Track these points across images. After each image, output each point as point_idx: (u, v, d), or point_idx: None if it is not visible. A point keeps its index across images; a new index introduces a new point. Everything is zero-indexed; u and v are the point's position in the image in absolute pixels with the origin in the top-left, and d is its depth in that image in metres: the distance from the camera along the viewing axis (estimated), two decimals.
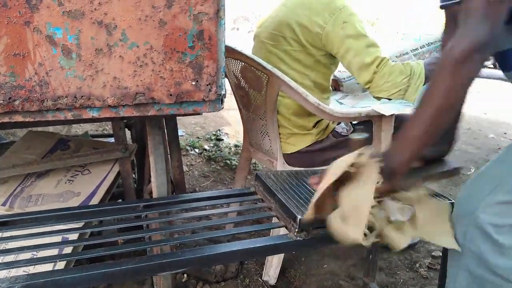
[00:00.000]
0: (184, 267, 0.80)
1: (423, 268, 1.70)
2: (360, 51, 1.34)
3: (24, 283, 0.70)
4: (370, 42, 1.35)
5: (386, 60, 1.34)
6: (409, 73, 1.35)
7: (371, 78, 1.35)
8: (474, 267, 0.88)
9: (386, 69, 1.33)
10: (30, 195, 1.24)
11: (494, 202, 0.86)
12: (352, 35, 1.34)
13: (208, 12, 0.80)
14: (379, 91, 1.37)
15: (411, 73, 1.35)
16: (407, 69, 1.35)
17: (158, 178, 1.08)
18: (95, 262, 0.78)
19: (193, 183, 2.47)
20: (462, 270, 0.90)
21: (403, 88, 1.35)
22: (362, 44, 1.34)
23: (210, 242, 1.44)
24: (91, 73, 0.79)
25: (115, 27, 0.77)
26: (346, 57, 1.37)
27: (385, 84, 1.34)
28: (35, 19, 0.74)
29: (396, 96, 1.36)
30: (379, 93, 1.37)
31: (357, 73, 1.38)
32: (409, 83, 1.35)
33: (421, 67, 1.37)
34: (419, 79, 1.36)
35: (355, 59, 1.35)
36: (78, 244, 1.02)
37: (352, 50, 1.34)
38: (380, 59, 1.33)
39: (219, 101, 0.88)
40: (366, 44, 1.34)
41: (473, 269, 0.88)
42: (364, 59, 1.34)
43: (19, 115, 0.79)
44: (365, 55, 1.33)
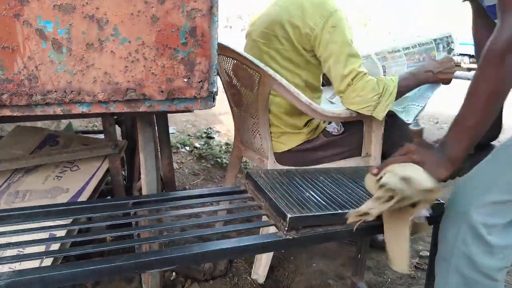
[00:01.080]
0: (173, 264, 0.80)
1: (410, 268, 1.71)
2: (340, 59, 1.35)
3: (10, 279, 0.68)
4: (352, 52, 1.36)
5: (362, 74, 1.36)
6: (381, 90, 1.37)
7: (344, 89, 1.37)
8: (464, 268, 0.88)
9: (360, 84, 1.35)
10: (17, 191, 1.23)
11: (487, 202, 0.86)
12: (337, 41, 1.35)
13: (201, 9, 0.80)
14: (350, 103, 1.39)
15: (383, 91, 1.37)
16: (380, 86, 1.37)
17: (148, 175, 1.07)
18: (83, 259, 0.77)
19: (183, 181, 2.46)
20: (452, 271, 0.91)
21: (373, 105, 1.37)
22: (343, 53, 1.35)
23: (199, 240, 1.44)
24: (82, 68, 0.78)
25: (106, 22, 0.77)
26: (327, 61, 1.39)
27: (356, 98, 1.36)
28: (25, 12, 0.73)
29: (365, 111, 1.39)
30: (349, 105, 1.40)
31: (333, 79, 1.41)
32: (379, 100, 1.37)
33: (394, 85, 1.39)
34: (390, 97, 1.38)
35: (334, 66, 1.37)
36: (65, 241, 1.01)
37: (334, 56, 1.36)
38: (356, 72, 1.35)
39: (211, 99, 0.88)
40: (347, 53, 1.35)
41: (463, 270, 0.88)
42: (341, 69, 1.35)
43: (7, 109, 0.78)
44: (343, 65, 1.35)
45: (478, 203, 0.87)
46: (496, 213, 0.86)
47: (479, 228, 0.85)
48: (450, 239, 0.91)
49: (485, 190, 0.88)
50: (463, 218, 0.88)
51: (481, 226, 0.85)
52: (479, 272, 0.87)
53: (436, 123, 4.97)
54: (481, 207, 0.86)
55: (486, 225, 0.85)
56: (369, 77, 1.37)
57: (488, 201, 0.86)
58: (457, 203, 0.92)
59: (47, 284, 0.71)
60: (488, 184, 0.88)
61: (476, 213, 0.86)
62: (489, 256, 0.86)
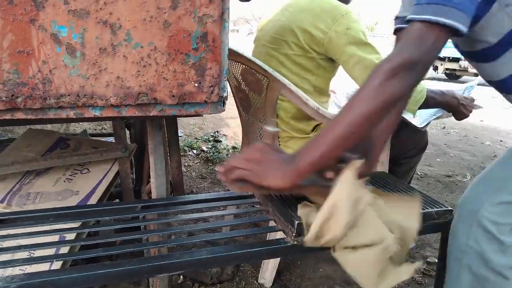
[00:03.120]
0: (181, 269, 0.80)
1: (418, 274, 1.70)
2: (362, 58, 1.35)
3: (20, 282, 0.69)
4: (372, 50, 1.36)
5: None
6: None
7: None
8: (476, 267, 0.89)
9: None
10: (29, 193, 1.24)
11: (498, 202, 0.88)
12: (355, 42, 1.35)
13: (213, 15, 0.81)
14: None
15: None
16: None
17: (157, 179, 1.08)
18: (92, 263, 0.78)
19: (190, 184, 2.46)
20: (464, 270, 0.92)
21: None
22: (365, 52, 1.35)
23: (207, 244, 1.44)
24: (95, 72, 0.79)
25: (119, 27, 0.77)
26: (348, 63, 1.38)
27: None
28: (40, 17, 0.74)
29: None
30: None
31: (358, 80, 1.39)
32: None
33: (423, 85, 1.39)
34: (420, 93, 1.38)
35: (357, 66, 1.36)
36: (75, 244, 1.02)
37: (355, 56, 1.35)
38: None
39: (221, 103, 0.89)
40: (368, 51, 1.35)
41: (475, 268, 0.89)
42: (367, 67, 1.34)
43: (21, 112, 0.78)
44: (368, 63, 1.34)
45: (489, 203, 0.89)
46: (507, 213, 0.88)
47: (490, 227, 0.87)
48: (461, 238, 0.92)
49: (496, 190, 0.90)
50: (474, 217, 0.90)
51: (492, 225, 0.87)
52: (491, 270, 0.88)
53: (443, 128, 4.94)
54: (492, 206, 0.88)
55: (497, 224, 0.87)
56: None
57: (499, 201, 0.88)
58: (468, 203, 0.94)
59: (57, 287, 0.71)
60: (499, 185, 0.90)
61: (487, 212, 0.88)
62: (500, 254, 0.87)
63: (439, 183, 2.89)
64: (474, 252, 0.89)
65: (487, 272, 0.88)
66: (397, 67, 0.72)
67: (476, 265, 0.90)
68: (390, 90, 0.72)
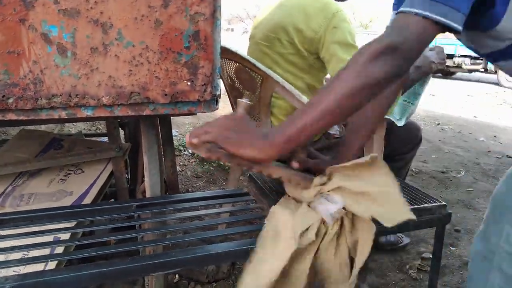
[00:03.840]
0: (177, 267, 0.80)
1: (412, 270, 1.71)
2: (343, 60, 1.35)
3: (15, 283, 0.69)
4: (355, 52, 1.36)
5: None
6: None
7: None
8: (507, 267, 0.87)
9: None
10: (22, 194, 1.23)
11: None
12: (339, 42, 1.35)
13: (204, 13, 0.81)
14: None
15: None
16: None
17: (151, 178, 1.08)
18: (87, 262, 0.78)
19: (186, 183, 2.46)
20: (494, 270, 0.89)
21: None
22: (346, 53, 1.35)
23: (202, 243, 1.44)
24: (86, 72, 0.78)
25: (111, 26, 0.77)
26: (330, 62, 1.38)
27: None
28: (30, 16, 0.73)
29: None
30: None
31: None
32: None
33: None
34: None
35: (338, 66, 1.36)
36: (69, 244, 1.02)
37: (336, 56, 1.35)
38: None
39: (214, 102, 0.89)
40: (350, 54, 1.35)
41: (505, 269, 0.87)
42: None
43: (12, 113, 0.78)
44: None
45: None
46: None
47: None
48: (493, 237, 0.90)
49: None
50: (507, 215, 0.87)
51: None
52: None
53: (437, 124, 4.97)
54: None
55: None
56: None
57: None
58: (502, 201, 0.91)
59: (52, 287, 0.71)
60: None
61: None
62: None
63: (434, 179, 2.91)
64: (506, 253, 0.87)
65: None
66: (379, 49, 0.72)
67: (506, 265, 0.87)
68: (372, 70, 0.71)
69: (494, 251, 0.89)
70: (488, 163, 3.35)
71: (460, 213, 2.32)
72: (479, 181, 2.89)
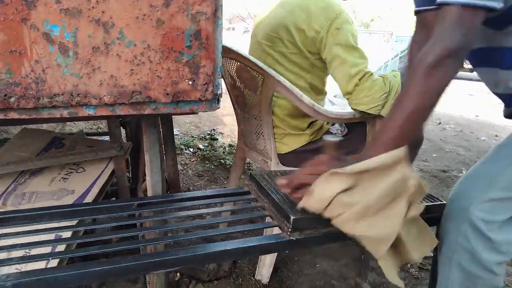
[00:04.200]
0: (178, 266, 0.80)
1: (414, 269, 1.71)
2: (346, 61, 1.35)
3: (16, 281, 0.69)
4: (358, 54, 1.36)
5: (369, 74, 1.36)
6: (388, 89, 1.37)
7: (352, 90, 1.37)
8: (466, 263, 0.90)
9: (367, 84, 1.35)
10: (24, 193, 1.24)
11: (487, 199, 0.88)
12: (342, 43, 1.35)
13: (206, 12, 0.81)
14: (358, 104, 1.38)
15: (390, 89, 1.37)
16: (387, 85, 1.37)
17: (153, 177, 1.08)
18: (88, 261, 0.78)
19: (187, 182, 2.47)
20: (454, 267, 0.92)
21: (381, 104, 1.37)
22: (349, 55, 1.35)
23: (203, 241, 1.44)
24: (88, 71, 0.79)
25: (112, 26, 0.77)
26: (332, 63, 1.38)
27: (365, 98, 1.36)
28: (32, 16, 0.73)
29: (374, 110, 1.38)
30: (357, 105, 1.39)
31: (339, 81, 1.40)
32: (387, 99, 1.37)
33: (398, 82, 1.39)
34: (396, 94, 1.39)
35: (340, 68, 1.36)
36: (71, 242, 1.02)
37: (339, 58, 1.35)
38: (363, 72, 1.35)
39: (216, 101, 0.89)
40: (353, 55, 1.35)
41: (465, 265, 0.90)
42: (348, 70, 1.35)
43: (14, 112, 0.78)
44: (350, 66, 1.34)
45: (478, 200, 0.89)
46: (496, 210, 0.88)
47: (479, 224, 0.87)
48: (451, 235, 0.93)
49: (485, 187, 0.90)
50: (463, 215, 0.90)
51: (481, 222, 0.87)
52: (481, 267, 0.88)
53: (439, 123, 4.96)
54: (481, 204, 0.88)
55: (486, 221, 0.87)
56: (376, 76, 1.37)
57: (488, 198, 0.88)
58: (457, 200, 0.94)
59: (53, 285, 0.71)
60: (488, 182, 0.90)
61: (476, 210, 0.88)
62: (490, 251, 0.88)
63: (435, 178, 2.91)
64: (464, 250, 0.90)
65: (477, 269, 0.89)
66: (443, 55, 0.72)
67: (466, 262, 0.90)
68: (439, 80, 0.73)
69: (453, 249, 0.92)
70: None
71: None
72: None
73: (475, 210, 0.88)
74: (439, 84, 0.74)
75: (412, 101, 0.74)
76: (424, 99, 0.74)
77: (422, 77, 0.73)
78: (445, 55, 0.72)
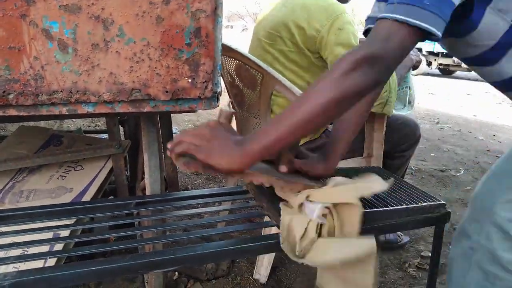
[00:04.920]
0: (176, 265, 0.80)
1: (412, 268, 1.71)
2: None
3: (14, 280, 0.69)
4: None
5: None
6: (388, 87, 1.37)
7: None
8: (486, 264, 0.89)
9: None
10: (22, 190, 1.23)
11: (511, 198, 0.87)
12: (344, 43, 1.35)
13: (206, 10, 0.80)
14: None
15: (389, 87, 1.37)
16: (387, 83, 1.37)
17: (152, 176, 1.07)
18: (86, 259, 0.78)
19: (185, 180, 2.46)
20: (473, 267, 0.91)
21: (383, 102, 1.37)
22: None
23: (202, 240, 1.44)
24: (87, 68, 0.78)
25: (112, 22, 0.77)
26: (333, 63, 1.38)
27: None
28: (31, 12, 0.73)
29: (376, 109, 1.38)
30: None
31: None
32: (388, 96, 1.37)
33: (395, 80, 1.40)
34: (395, 91, 1.39)
35: None
36: (69, 241, 1.02)
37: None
38: None
39: (215, 99, 0.88)
40: None
41: (485, 265, 0.89)
42: None
43: (13, 109, 0.78)
44: None
45: (503, 200, 0.87)
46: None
47: (505, 224, 0.86)
48: (473, 235, 0.91)
49: (509, 186, 0.88)
50: (487, 215, 0.89)
51: (506, 222, 0.86)
52: (503, 268, 0.87)
53: (437, 123, 4.97)
54: (505, 203, 0.87)
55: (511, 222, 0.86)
56: None
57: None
58: (481, 199, 0.93)
59: (51, 284, 0.71)
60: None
61: (500, 210, 0.87)
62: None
63: (433, 178, 2.91)
64: (485, 250, 0.88)
65: (497, 270, 0.87)
66: (360, 60, 0.70)
67: (487, 263, 0.89)
68: (349, 82, 0.70)
69: (474, 248, 0.91)
70: (487, 162, 3.36)
71: (459, 211, 2.32)
72: (478, 180, 2.90)
73: (499, 210, 0.86)
74: (348, 87, 0.70)
75: (317, 96, 0.71)
76: (329, 97, 0.70)
77: (334, 76, 0.71)
78: (364, 59, 0.70)
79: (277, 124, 0.72)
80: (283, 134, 0.71)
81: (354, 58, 0.70)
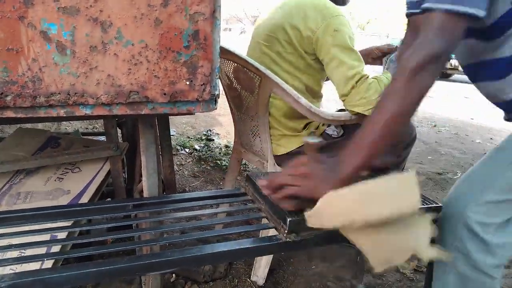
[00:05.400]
0: (174, 267, 0.80)
1: (409, 270, 1.72)
2: (343, 63, 1.35)
3: (11, 282, 0.69)
4: (355, 56, 1.37)
5: (365, 76, 1.36)
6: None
7: (348, 92, 1.37)
8: (461, 266, 0.90)
9: (363, 86, 1.35)
10: (19, 192, 1.23)
11: (483, 201, 0.89)
12: (340, 45, 1.35)
13: (204, 12, 0.81)
14: (354, 105, 1.38)
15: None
16: (381, 86, 1.37)
17: (149, 178, 1.07)
18: (84, 261, 0.78)
19: (183, 183, 2.46)
20: (449, 269, 0.93)
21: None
22: (347, 57, 1.35)
23: (199, 242, 1.44)
24: (85, 70, 0.78)
25: (110, 25, 0.77)
26: (330, 65, 1.39)
27: (361, 100, 1.36)
28: (30, 14, 0.73)
29: (369, 112, 1.38)
30: (353, 107, 1.39)
31: (336, 83, 1.40)
32: None
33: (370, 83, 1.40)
34: (374, 92, 1.39)
35: (338, 69, 1.37)
36: (66, 243, 1.01)
37: (337, 60, 1.36)
38: (360, 75, 1.35)
39: (213, 101, 0.89)
40: (351, 57, 1.36)
41: (460, 267, 0.91)
42: (345, 72, 1.35)
43: (10, 111, 0.78)
44: (347, 68, 1.35)
45: (474, 203, 0.89)
46: (492, 212, 0.88)
47: (475, 227, 0.88)
48: (447, 238, 0.93)
49: (481, 190, 0.90)
50: (459, 218, 0.91)
51: (477, 225, 0.88)
52: (476, 270, 0.89)
53: (434, 126, 4.98)
54: (477, 206, 0.89)
55: (482, 224, 0.88)
56: (371, 79, 1.38)
57: (484, 201, 0.89)
58: (453, 203, 0.95)
59: (48, 286, 0.71)
60: (484, 184, 0.91)
61: (472, 213, 0.89)
62: (485, 253, 0.88)
63: (430, 181, 2.92)
64: (459, 252, 0.90)
65: (473, 272, 0.89)
66: (424, 61, 0.73)
67: (461, 265, 0.90)
68: (420, 85, 0.74)
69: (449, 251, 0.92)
70: None
71: None
72: None
73: (471, 212, 0.88)
74: (420, 89, 0.74)
75: (393, 105, 0.74)
76: (405, 103, 0.74)
77: (403, 81, 0.74)
78: (427, 61, 0.73)
79: (361, 142, 0.77)
80: (369, 152, 0.76)
81: (418, 61, 0.73)
